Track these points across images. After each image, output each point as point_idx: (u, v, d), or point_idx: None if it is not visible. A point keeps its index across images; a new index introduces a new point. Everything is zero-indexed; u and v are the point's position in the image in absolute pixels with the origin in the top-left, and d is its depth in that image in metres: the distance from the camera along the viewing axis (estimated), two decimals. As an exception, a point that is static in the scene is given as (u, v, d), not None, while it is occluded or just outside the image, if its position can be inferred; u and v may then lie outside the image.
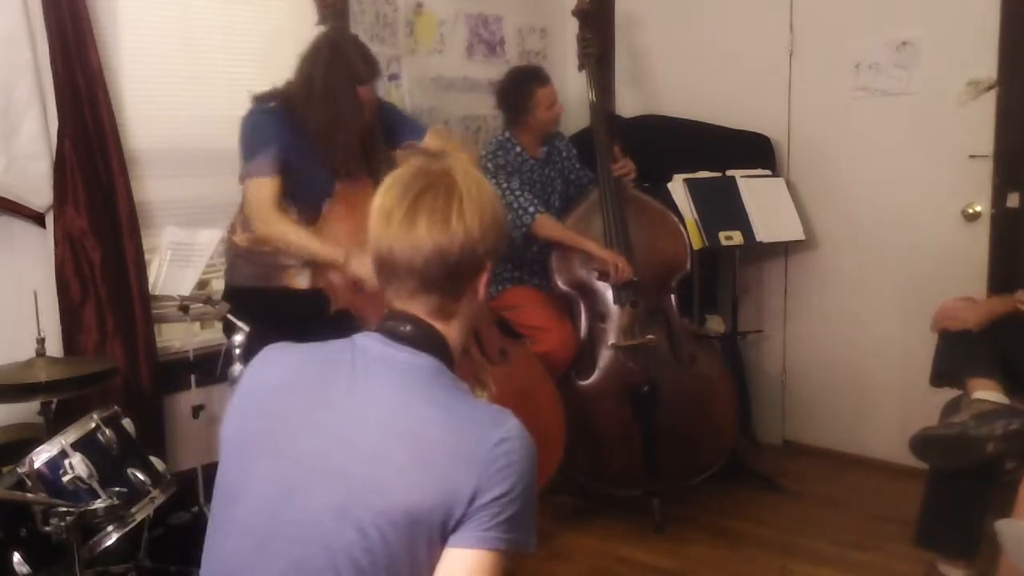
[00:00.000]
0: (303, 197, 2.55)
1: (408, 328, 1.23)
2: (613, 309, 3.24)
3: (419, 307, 1.24)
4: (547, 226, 3.25)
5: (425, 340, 1.23)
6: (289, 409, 1.22)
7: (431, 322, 1.25)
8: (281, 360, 1.30)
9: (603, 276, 3.22)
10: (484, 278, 1.27)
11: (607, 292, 3.24)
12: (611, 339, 3.21)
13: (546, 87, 3.35)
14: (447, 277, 1.22)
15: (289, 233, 2.47)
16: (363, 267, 2.38)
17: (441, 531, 1.11)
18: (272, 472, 1.19)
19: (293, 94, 2.53)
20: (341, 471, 1.14)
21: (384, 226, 1.22)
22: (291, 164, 2.50)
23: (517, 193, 3.25)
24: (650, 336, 3.20)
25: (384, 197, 1.23)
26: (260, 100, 2.54)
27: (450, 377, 1.23)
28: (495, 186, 3.27)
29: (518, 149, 3.39)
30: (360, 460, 1.14)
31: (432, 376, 1.21)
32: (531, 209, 3.24)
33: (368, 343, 1.24)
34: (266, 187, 2.47)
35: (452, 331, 1.26)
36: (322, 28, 2.64)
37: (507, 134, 3.40)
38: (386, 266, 1.23)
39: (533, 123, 3.38)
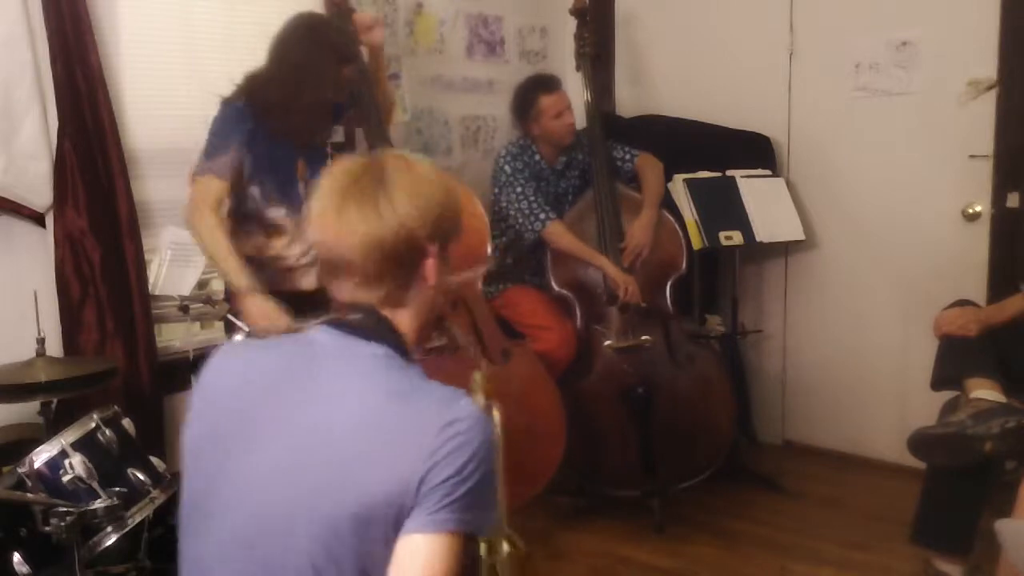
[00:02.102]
0: (273, 179, 2.52)
1: (357, 317, 1.23)
2: (609, 310, 3.24)
3: (366, 298, 1.24)
4: (559, 235, 3.24)
5: (375, 328, 1.22)
6: (247, 412, 1.21)
7: (381, 310, 1.24)
8: (239, 359, 1.30)
9: (611, 299, 3.20)
10: (431, 263, 1.24)
11: (602, 293, 3.24)
12: (607, 340, 3.21)
13: (552, 95, 3.32)
14: (388, 267, 1.21)
15: (217, 242, 2.40)
16: (255, 309, 2.35)
17: (395, 525, 1.09)
18: (234, 480, 1.19)
19: (268, 81, 2.51)
20: (294, 477, 1.14)
21: (319, 223, 1.22)
22: (256, 156, 2.48)
23: (532, 199, 3.26)
24: (646, 337, 3.20)
25: (317, 197, 1.24)
26: (228, 101, 2.53)
27: (401, 364, 1.21)
28: (510, 191, 3.28)
29: (537, 157, 3.39)
30: (312, 464, 1.13)
31: (382, 364, 1.20)
32: (542, 215, 3.24)
33: (321, 336, 1.24)
34: (214, 186, 2.43)
35: (403, 318, 1.25)
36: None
37: (527, 139, 3.40)
38: (327, 263, 1.23)
39: (540, 133, 3.36)
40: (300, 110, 2.50)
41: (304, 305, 2.51)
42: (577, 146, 3.45)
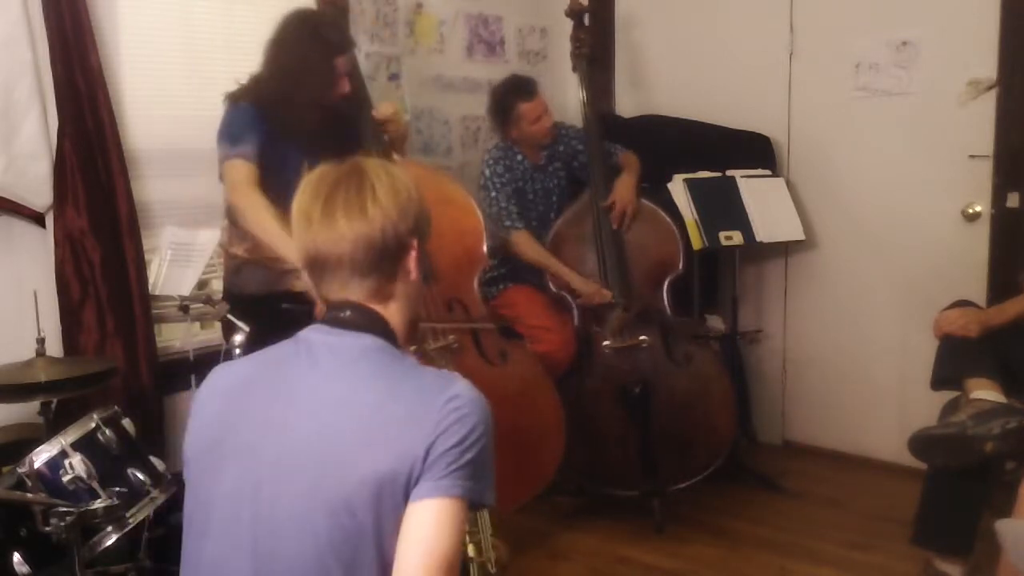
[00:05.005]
0: (275, 187, 2.50)
1: (348, 313, 1.28)
2: (607, 310, 3.24)
3: (355, 293, 1.29)
4: (524, 244, 3.25)
5: (366, 321, 1.28)
6: (245, 411, 1.27)
7: (370, 305, 1.30)
8: (230, 371, 1.36)
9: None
10: (413, 256, 1.31)
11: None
12: (605, 340, 3.21)
13: (530, 101, 3.29)
14: (375, 260, 1.27)
15: (267, 220, 2.36)
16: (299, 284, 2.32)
17: (404, 495, 1.15)
18: (238, 474, 1.23)
19: (266, 82, 2.53)
20: (302, 459, 1.19)
21: (305, 228, 1.27)
22: (266, 157, 2.49)
23: (503, 204, 3.27)
24: (643, 337, 3.20)
25: (299, 201, 1.29)
26: (234, 99, 2.54)
27: (394, 352, 1.28)
28: (485, 194, 3.29)
29: (519, 157, 3.39)
30: (318, 444, 1.19)
31: (377, 353, 1.26)
32: (507, 222, 3.26)
33: (312, 335, 1.30)
34: (246, 169, 2.44)
35: (392, 313, 1.31)
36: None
37: (507, 141, 3.40)
38: (316, 264, 1.29)
39: (519, 137, 3.36)
40: (299, 106, 2.51)
41: (298, 305, 2.52)
42: (559, 139, 3.45)
